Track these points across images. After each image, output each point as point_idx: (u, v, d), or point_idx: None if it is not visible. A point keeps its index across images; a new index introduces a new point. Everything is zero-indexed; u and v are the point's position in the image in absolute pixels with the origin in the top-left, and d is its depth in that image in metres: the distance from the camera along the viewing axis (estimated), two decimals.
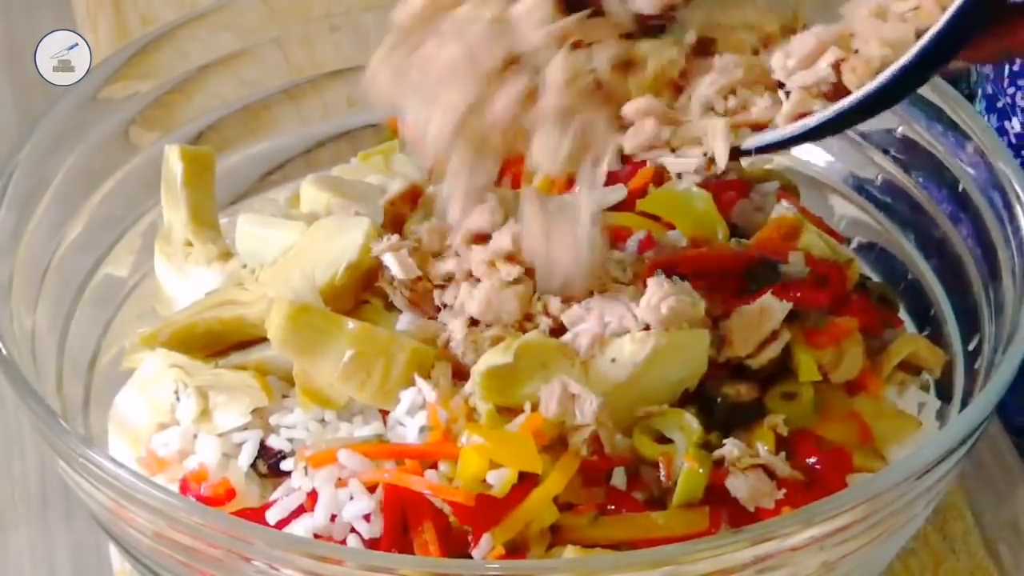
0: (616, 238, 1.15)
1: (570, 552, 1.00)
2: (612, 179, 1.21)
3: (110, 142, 1.27)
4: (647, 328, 1.06)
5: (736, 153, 0.98)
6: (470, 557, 0.99)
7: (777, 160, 1.33)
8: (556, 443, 1.03)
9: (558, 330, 1.07)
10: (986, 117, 1.36)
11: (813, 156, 1.34)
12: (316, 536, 1.01)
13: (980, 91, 1.40)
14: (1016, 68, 1.34)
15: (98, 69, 1.29)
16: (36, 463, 1.29)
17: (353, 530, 1.01)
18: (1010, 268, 1.14)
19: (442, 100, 0.99)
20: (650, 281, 1.07)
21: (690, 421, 1.05)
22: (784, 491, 1.03)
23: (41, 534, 1.24)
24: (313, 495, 1.03)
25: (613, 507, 1.03)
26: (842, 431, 1.10)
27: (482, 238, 1.09)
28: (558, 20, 0.99)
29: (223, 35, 1.34)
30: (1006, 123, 1.35)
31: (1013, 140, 1.34)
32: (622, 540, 1.01)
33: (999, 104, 1.35)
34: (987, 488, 1.26)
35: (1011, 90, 1.34)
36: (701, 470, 1.02)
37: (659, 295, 1.06)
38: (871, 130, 1.30)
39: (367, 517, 1.00)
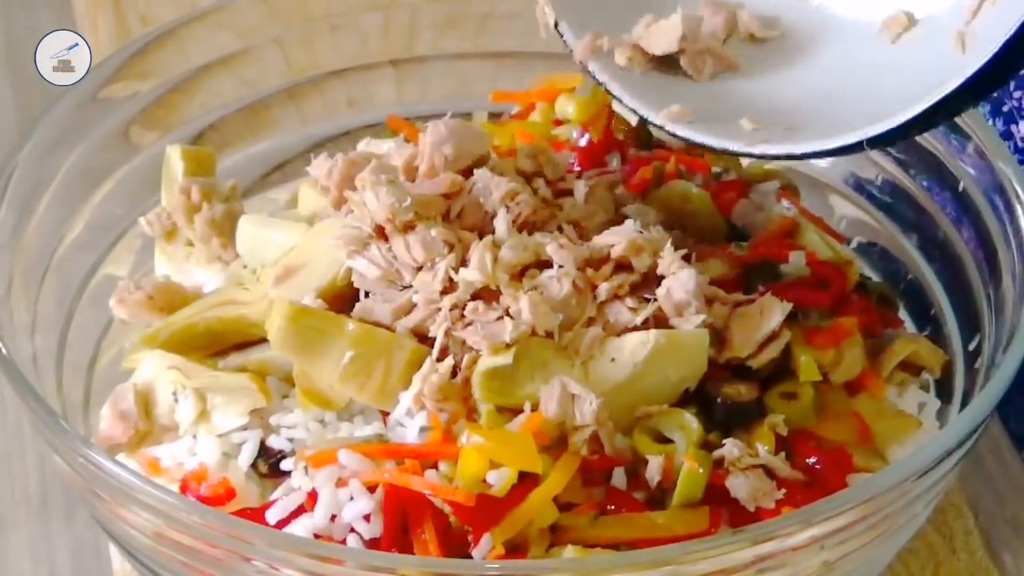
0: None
1: (570, 552, 1.00)
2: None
3: (110, 142, 1.28)
4: (647, 326, 1.07)
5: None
6: (470, 557, 0.99)
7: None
8: (556, 443, 1.03)
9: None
10: (991, 121, 1.36)
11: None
12: (316, 536, 1.01)
13: None
14: (1022, 72, 1.33)
15: (98, 69, 1.29)
16: (36, 463, 1.29)
17: (353, 530, 1.01)
18: (1010, 268, 1.14)
19: None
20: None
21: (690, 421, 1.05)
22: (784, 491, 1.03)
23: (41, 534, 1.24)
24: (313, 495, 1.03)
25: (613, 507, 1.03)
26: (842, 431, 1.10)
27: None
28: None
29: (223, 35, 1.34)
30: (1012, 127, 1.34)
31: (1019, 143, 1.34)
32: (622, 540, 1.01)
33: (1005, 108, 1.35)
34: (987, 488, 1.26)
35: (1017, 94, 1.34)
36: (701, 470, 1.02)
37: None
38: None
39: (367, 517, 1.00)
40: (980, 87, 0.96)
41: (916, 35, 1.07)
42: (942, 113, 0.98)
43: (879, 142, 1.01)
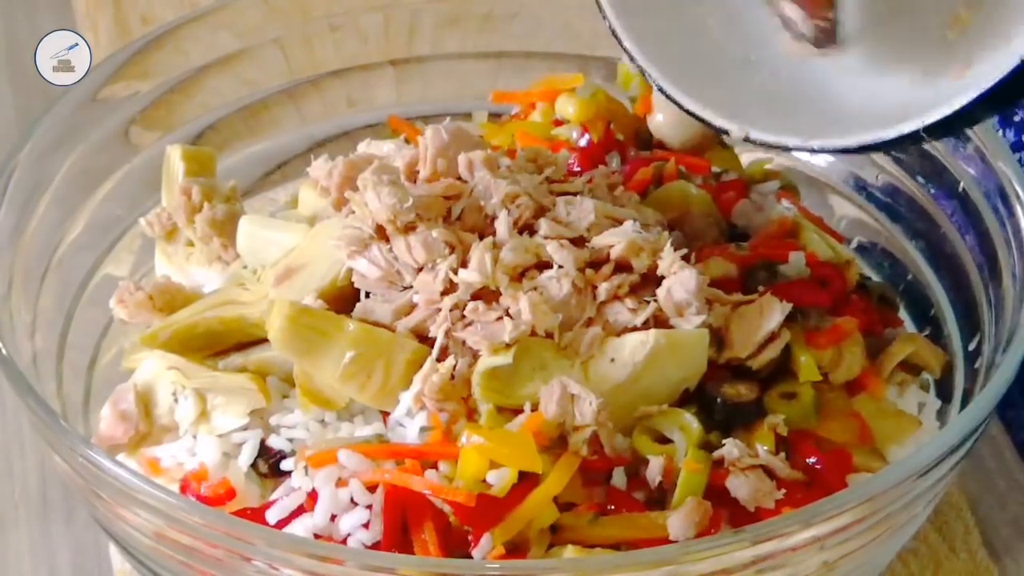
0: None
1: (570, 552, 1.00)
2: None
3: (110, 142, 1.28)
4: (647, 326, 1.07)
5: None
6: (470, 557, 0.99)
7: (777, 160, 1.33)
8: (556, 443, 1.03)
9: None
10: (1001, 131, 1.35)
11: (813, 156, 1.34)
12: (316, 536, 1.01)
13: None
14: None
15: (98, 69, 1.29)
16: (36, 463, 1.29)
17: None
18: (1010, 268, 1.14)
19: None
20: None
21: (690, 421, 1.05)
22: (784, 491, 1.03)
23: (41, 534, 1.24)
24: (313, 495, 1.03)
25: (613, 507, 1.03)
26: (842, 431, 1.10)
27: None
28: None
29: (223, 35, 1.35)
30: (1023, 137, 1.34)
31: None
32: (622, 540, 1.01)
33: (1016, 118, 1.34)
34: (987, 488, 1.26)
35: None
36: (701, 470, 1.02)
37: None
38: None
39: (366, 525, 1.00)
40: None
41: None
42: (991, 105, 0.98)
43: (936, 131, 1.01)
